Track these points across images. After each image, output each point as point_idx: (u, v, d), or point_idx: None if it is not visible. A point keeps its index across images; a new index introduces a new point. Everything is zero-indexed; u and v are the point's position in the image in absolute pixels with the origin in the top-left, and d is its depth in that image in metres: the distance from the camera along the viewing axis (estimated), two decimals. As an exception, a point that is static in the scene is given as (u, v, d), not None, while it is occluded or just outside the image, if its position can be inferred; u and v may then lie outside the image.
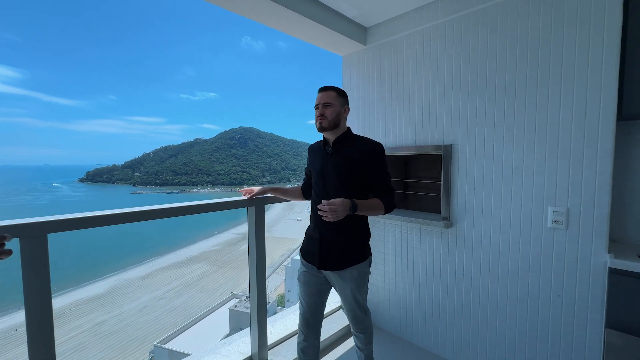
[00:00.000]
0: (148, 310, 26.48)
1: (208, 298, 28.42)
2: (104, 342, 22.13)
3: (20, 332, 20.86)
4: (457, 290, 1.99)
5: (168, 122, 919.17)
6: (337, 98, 1.48)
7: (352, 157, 1.44)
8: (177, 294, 29.57)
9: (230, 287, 30.19)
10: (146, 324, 24.43)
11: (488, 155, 1.80)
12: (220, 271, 35.04)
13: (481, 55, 1.80)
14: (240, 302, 19.36)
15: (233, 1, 1.77)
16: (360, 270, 1.48)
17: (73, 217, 1.16)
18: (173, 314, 25.82)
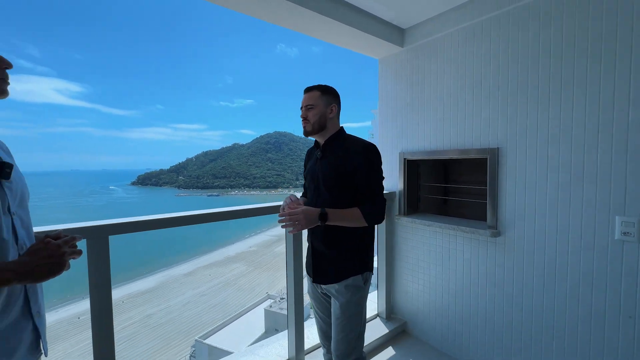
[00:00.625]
0: (190, 306, 28.00)
1: (244, 297, 29.38)
2: (152, 333, 23.76)
3: (83, 319, 23.20)
4: (506, 305, 1.84)
5: (209, 128, 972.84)
6: (321, 97, 1.36)
7: (338, 161, 1.31)
8: (217, 291, 30.94)
9: (265, 287, 30.96)
10: (188, 319, 25.83)
11: (542, 159, 1.65)
12: (256, 271, 36.08)
13: (532, 52, 1.67)
14: (275, 303, 19.74)
15: (270, 12, 1.81)
16: (354, 285, 1.32)
17: (130, 220, 1.27)
18: (213, 311, 27.04)
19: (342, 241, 1.33)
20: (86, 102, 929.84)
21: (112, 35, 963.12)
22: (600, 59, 1.45)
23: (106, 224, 1.21)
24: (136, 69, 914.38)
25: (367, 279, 1.38)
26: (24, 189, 0.85)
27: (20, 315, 0.77)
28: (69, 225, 1.16)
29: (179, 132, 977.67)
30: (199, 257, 40.18)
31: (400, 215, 2.41)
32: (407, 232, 2.41)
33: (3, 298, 0.72)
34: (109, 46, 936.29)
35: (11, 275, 0.68)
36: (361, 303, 1.37)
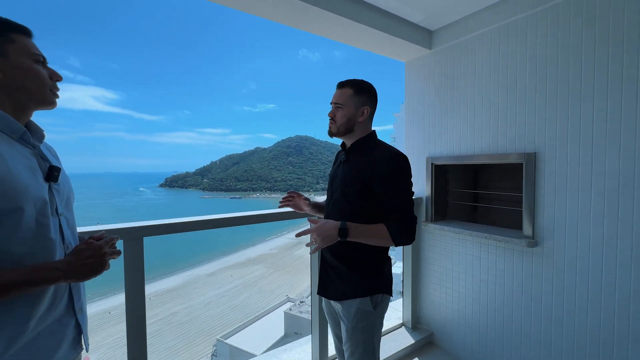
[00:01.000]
0: (212, 306, 28.67)
1: (265, 299, 29.70)
2: (176, 331, 24.53)
3: (113, 314, 24.38)
4: (544, 319, 1.73)
5: (232, 132, 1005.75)
6: (352, 97, 1.20)
7: (360, 168, 1.15)
8: (238, 292, 31.50)
9: (285, 290, 31.15)
10: (210, 319, 26.44)
11: (585, 165, 1.54)
12: (276, 274, 36.41)
13: (574, 51, 1.57)
14: (295, 306, 19.77)
15: (295, 18, 1.81)
16: (356, 309, 1.16)
17: (163, 223, 1.31)
18: (234, 312, 27.52)
19: (351, 254, 1.18)
20: (120, 109, 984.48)
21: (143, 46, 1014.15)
22: (654, 56, 1.33)
23: (141, 225, 1.26)
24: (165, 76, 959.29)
25: (378, 303, 1.19)
26: (70, 191, 0.89)
27: (65, 311, 0.81)
28: (108, 226, 1.21)
29: (204, 136, 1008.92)
30: (221, 258, 41.16)
31: (427, 221, 2.33)
32: (434, 239, 2.33)
33: (50, 295, 0.76)
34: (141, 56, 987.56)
35: (59, 274, 0.72)
36: (369, 331, 1.18)
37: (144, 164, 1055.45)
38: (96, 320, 23.34)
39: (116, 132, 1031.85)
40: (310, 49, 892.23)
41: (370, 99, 1.24)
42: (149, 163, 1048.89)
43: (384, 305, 1.22)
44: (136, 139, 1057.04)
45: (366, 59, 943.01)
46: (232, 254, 43.36)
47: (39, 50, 0.80)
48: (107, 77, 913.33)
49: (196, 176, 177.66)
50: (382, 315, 1.23)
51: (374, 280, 1.18)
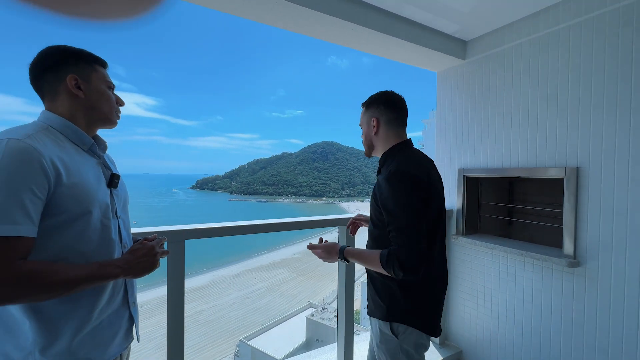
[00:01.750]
0: (236, 307, 29.29)
1: (287, 303, 29.86)
2: (201, 329, 25.29)
3: (145, 309, 25.67)
4: (587, 347, 1.61)
5: (260, 137, 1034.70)
6: (364, 115, 1.21)
7: (375, 188, 1.13)
8: (261, 295, 31.96)
9: (307, 295, 31.16)
10: (234, 319, 27.01)
11: (635, 182, 1.44)
12: (299, 279, 36.54)
13: (623, 61, 1.48)
14: (317, 313, 19.71)
15: (330, 31, 1.85)
16: (381, 330, 1.15)
17: (204, 227, 1.40)
18: (257, 314, 27.93)
19: (377, 276, 1.16)
20: (158, 114, 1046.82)
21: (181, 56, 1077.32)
22: None
23: (183, 229, 1.35)
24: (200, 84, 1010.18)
25: (400, 332, 1.10)
26: (126, 195, 1.00)
27: (121, 304, 0.90)
28: (155, 228, 1.32)
29: (233, 141, 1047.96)
30: (246, 260, 42.07)
31: (457, 234, 2.27)
32: (465, 254, 2.26)
33: (110, 289, 0.85)
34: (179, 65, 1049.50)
35: (119, 271, 0.81)
36: (392, 355, 1.12)
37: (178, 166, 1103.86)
38: (130, 314, 24.63)
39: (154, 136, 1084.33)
40: (339, 56, 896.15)
41: (380, 108, 1.18)
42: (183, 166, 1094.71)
43: (410, 338, 1.11)
44: (172, 143, 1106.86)
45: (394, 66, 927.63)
46: (257, 256, 44.20)
47: (111, 79, 0.93)
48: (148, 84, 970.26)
49: (225, 179, 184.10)
50: (409, 347, 1.12)
51: (392, 306, 1.11)
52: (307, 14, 1.63)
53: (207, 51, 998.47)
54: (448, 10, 1.85)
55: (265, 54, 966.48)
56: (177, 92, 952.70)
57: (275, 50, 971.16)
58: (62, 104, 0.84)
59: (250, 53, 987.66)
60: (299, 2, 1.55)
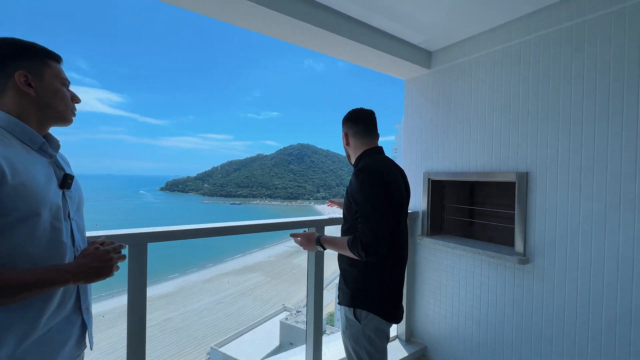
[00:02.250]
0: (207, 313, 28.30)
1: (260, 307, 29.34)
2: (169, 337, 24.15)
3: (107, 318, 24.09)
4: (534, 336, 1.76)
5: (235, 138, 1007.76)
6: (342, 131, 1.43)
7: (347, 190, 1.32)
8: (234, 300, 31.14)
9: (282, 299, 30.81)
10: (205, 326, 26.07)
11: (574, 186, 1.60)
12: (273, 282, 36.06)
13: (564, 77, 1.65)
14: (291, 316, 19.55)
15: (302, 36, 1.89)
16: (345, 316, 1.30)
17: (167, 229, 1.37)
18: (229, 319, 27.17)
19: (342, 264, 1.34)
20: (125, 112, 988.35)
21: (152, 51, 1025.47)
22: (638, 87, 1.41)
23: (146, 231, 1.31)
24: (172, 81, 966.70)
25: (362, 318, 1.23)
26: (80, 197, 0.96)
27: (72, 310, 0.86)
28: (115, 231, 1.27)
29: (206, 142, 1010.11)
30: (218, 265, 40.87)
31: (422, 235, 2.38)
32: (430, 253, 2.37)
33: (60, 295, 0.81)
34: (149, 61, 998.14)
35: (69, 277, 0.77)
36: (356, 339, 1.25)
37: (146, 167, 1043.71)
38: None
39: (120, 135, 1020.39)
40: (315, 59, 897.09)
41: (347, 124, 1.39)
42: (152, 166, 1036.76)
43: (371, 324, 1.23)
44: (140, 142, 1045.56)
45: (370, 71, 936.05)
46: (230, 260, 43.07)
47: (65, 75, 0.89)
48: (114, 80, 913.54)
49: (197, 181, 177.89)
50: (370, 332, 1.23)
51: (356, 294, 1.25)
52: (279, 18, 1.65)
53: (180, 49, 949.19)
54: (414, 22, 1.95)
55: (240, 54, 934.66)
56: (145, 90, 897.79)
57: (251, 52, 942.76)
58: (10, 102, 0.79)
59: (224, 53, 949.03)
60: (269, 6, 1.56)
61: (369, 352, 1.24)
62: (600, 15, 1.52)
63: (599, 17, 1.53)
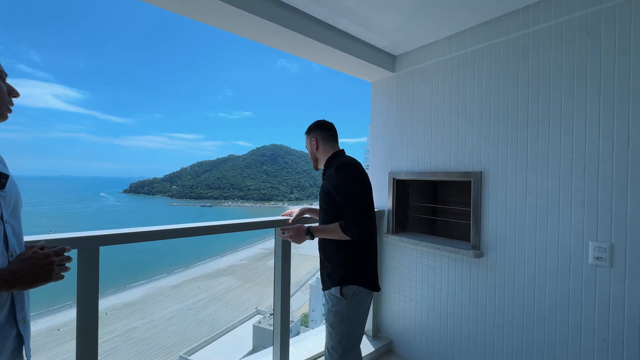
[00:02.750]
0: (176, 320, 27.11)
1: (233, 312, 28.62)
2: (134, 348, 22.85)
3: (62, 331, 22.27)
4: (488, 325, 1.88)
5: (205, 138, 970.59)
6: (306, 139, 1.66)
7: (324, 185, 1.52)
8: (204, 305, 30.10)
9: (254, 302, 30.27)
10: (173, 334, 24.96)
11: (521, 184, 1.74)
12: (246, 285, 35.34)
13: (512, 83, 1.78)
14: (264, 319, 19.26)
15: (268, 36, 1.89)
16: (330, 296, 1.47)
17: (121, 232, 1.30)
18: (199, 326, 26.21)
19: (328, 253, 1.50)
20: (83, 109, 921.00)
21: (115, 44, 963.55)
22: (573, 95, 1.56)
23: (97, 234, 1.24)
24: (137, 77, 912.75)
25: (350, 295, 1.43)
26: (17, 198, 0.88)
27: (5, 321, 0.79)
28: (61, 235, 1.18)
29: (175, 142, 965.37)
30: (188, 269, 39.31)
31: (388, 233, 2.46)
32: (395, 250, 2.45)
33: None
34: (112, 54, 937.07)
35: (1, 282, 0.71)
36: (339, 315, 1.44)
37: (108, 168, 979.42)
38: (43, 338, 21.20)
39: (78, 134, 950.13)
40: (288, 59, 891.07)
41: (316, 130, 1.62)
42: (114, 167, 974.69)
43: (357, 298, 1.44)
44: (100, 142, 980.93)
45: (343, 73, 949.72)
46: (200, 264, 41.57)
47: (1, 66, 0.82)
48: (70, 74, 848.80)
49: (164, 182, 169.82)
50: (356, 306, 1.45)
51: (348, 272, 1.44)
52: (245, 16, 1.64)
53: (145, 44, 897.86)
54: (377, 26, 2.01)
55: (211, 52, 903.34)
56: (107, 86, 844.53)
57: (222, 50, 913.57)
58: None
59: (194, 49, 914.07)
60: (234, 4, 1.54)
61: (353, 326, 1.46)
62: (541, 28, 1.67)
63: (540, 30, 1.68)
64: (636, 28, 1.39)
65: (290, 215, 1.84)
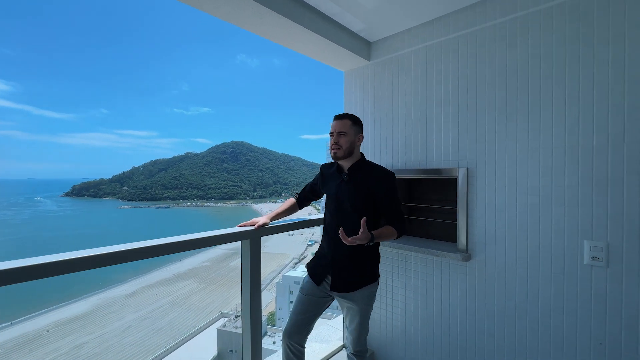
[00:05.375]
0: (132, 331, 25.29)
1: (196, 317, 27.39)
2: (83, 366, 20.90)
3: None
4: (477, 332, 1.76)
5: (159, 135, 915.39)
6: (352, 127, 1.52)
7: (365, 186, 1.49)
8: (164, 312, 28.42)
9: (219, 305, 29.23)
10: (129, 346, 23.28)
11: (511, 181, 1.62)
12: (209, 288, 33.97)
13: (500, 72, 1.65)
14: (230, 322, 18.59)
15: (233, 13, 1.60)
16: (371, 290, 1.55)
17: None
18: (158, 335, 24.73)
19: (363, 253, 1.50)
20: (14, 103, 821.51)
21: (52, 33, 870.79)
22: (565, 84, 1.46)
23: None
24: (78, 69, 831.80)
25: (378, 282, 1.60)
26: None
27: None
28: None
29: (124, 139, 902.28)
30: (144, 276, 36.69)
31: (367, 236, 2.26)
32: (375, 254, 2.26)
33: None
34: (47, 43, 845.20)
35: None
36: (371, 305, 1.58)
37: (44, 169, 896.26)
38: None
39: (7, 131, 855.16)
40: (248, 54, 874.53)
41: (362, 129, 1.59)
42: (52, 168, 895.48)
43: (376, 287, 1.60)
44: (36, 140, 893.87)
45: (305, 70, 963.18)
46: (157, 270, 38.98)
47: None
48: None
49: (113, 183, 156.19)
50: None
51: (377, 268, 1.58)
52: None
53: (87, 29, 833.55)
54: (353, 5, 1.77)
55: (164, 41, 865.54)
56: (41, 77, 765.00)
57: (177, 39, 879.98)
58: None
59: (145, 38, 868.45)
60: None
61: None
62: (530, 13, 1.55)
63: (529, 15, 1.55)
64: (631, 13, 1.30)
65: (257, 224, 1.62)
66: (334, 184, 1.58)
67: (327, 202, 1.63)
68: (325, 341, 2.33)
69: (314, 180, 1.79)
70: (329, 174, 1.66)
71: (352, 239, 1.29)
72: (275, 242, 48.29)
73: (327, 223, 1.61)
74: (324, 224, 1.65)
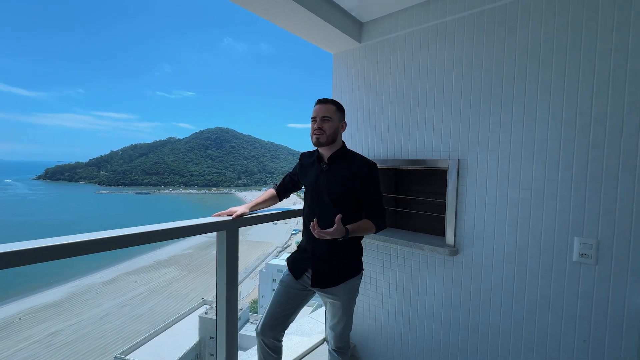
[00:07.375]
0: (110, 318, 24.84)
1: (177, 304, 27.16)
2: (58, 353, 20.48)
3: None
4: (462, 327, 1.73)
5: (140, 119, 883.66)
6: (336, 112, 1.43)
7: (345, 177, 1.40)
8: (144, 300, 28.01)
9: (201, 292, 29.04)
10: (107, 333, 22.90)
11: (503, 174, 1.56)
12: (191, 276, 33.65)
13: (497, 59, 1.57)
14: (211, 309, 18.48)
15: None
16: (354, 284, 1.48)
17: None
18: (138, 322, 24.42)
19: (343, 247, 1.41)
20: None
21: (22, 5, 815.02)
22: (564, 73, 1.39)
23: None
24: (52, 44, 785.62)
25: (362, 275, 1.53)
26: None
27: None
28: None
29: (102, 122, 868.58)
30: (123, 262, 35.88)
31: (352, 228, 2.18)
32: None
33: None
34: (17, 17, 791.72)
35: None
36: (355, 295, 1.52)
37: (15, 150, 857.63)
38: None
39: None
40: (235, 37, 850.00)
41: (344, 116, 1.50)
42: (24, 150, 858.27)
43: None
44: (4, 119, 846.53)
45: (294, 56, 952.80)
46: (137, 256, 38.16)
47: None
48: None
49: (90, 167, 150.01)
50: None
51: (359, 262, 1.51)
52: None
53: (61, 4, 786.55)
54: (346, -22, 1.62)
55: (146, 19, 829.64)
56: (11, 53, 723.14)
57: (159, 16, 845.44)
58: None
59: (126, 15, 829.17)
60: None
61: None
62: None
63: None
64: (638, 1, 1.23)
65: (234, 213, 1.49)
66: (313, 174, 1.49)
67: (306, 193, 1.54)
68: (305, 334, 2.26)
69: (293, 171, 1.68)
70: (308, 164, 1.56)
71: (323, 232, 1.21)
72: (259, 231, 48.09)
73: (305, 215, 1.52)
74: (303, 216, 1.56)
